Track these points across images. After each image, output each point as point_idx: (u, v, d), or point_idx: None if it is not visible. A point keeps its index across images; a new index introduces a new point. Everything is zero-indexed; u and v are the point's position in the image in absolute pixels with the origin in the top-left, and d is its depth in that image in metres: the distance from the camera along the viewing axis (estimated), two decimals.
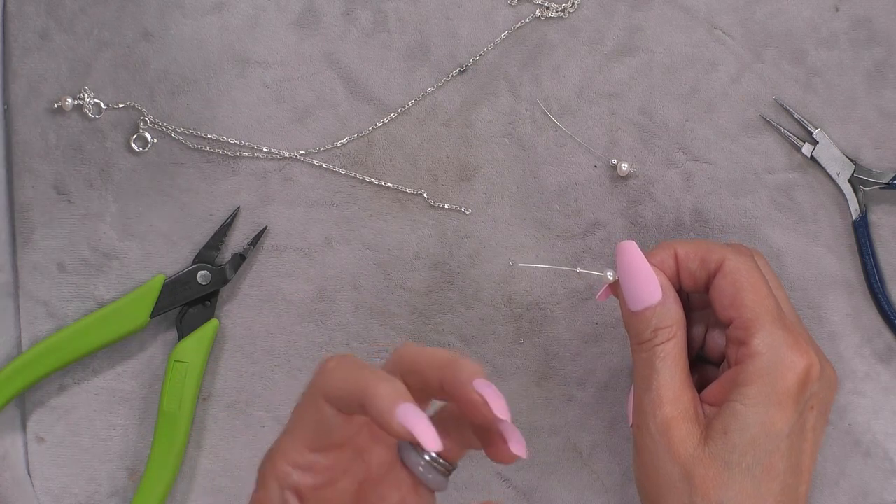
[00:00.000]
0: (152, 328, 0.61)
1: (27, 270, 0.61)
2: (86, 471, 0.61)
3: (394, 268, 0.61)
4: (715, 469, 0.50)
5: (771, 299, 0.52)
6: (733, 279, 0.52)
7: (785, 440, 0.50)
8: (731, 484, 0.50)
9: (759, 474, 0.50)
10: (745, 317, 0.51)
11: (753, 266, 0.52)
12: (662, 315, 0.52)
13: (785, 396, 0.50)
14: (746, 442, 0.50)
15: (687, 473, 0.51)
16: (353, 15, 0.61)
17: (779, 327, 0.51)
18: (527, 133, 0.61)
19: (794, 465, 0.51)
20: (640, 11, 0.60)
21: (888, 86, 0.59)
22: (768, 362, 0.51)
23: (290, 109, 0.61)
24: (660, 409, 0.51)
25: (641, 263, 0.52)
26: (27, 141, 0.61)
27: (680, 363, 0.52)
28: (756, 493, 0.50)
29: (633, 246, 0.52)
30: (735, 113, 0.60)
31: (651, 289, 0.52)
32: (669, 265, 0.53)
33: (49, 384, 0.61)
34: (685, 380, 0.52)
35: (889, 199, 0.59)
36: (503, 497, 0.60)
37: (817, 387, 0.51)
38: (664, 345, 0.52)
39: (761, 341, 0.51)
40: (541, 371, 0.60)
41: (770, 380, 0.50)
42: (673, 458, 0.51)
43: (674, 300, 0.53)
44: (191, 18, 0.61)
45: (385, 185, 0.61)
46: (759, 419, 0.50)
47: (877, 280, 0.59)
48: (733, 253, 0.53)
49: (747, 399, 0.50)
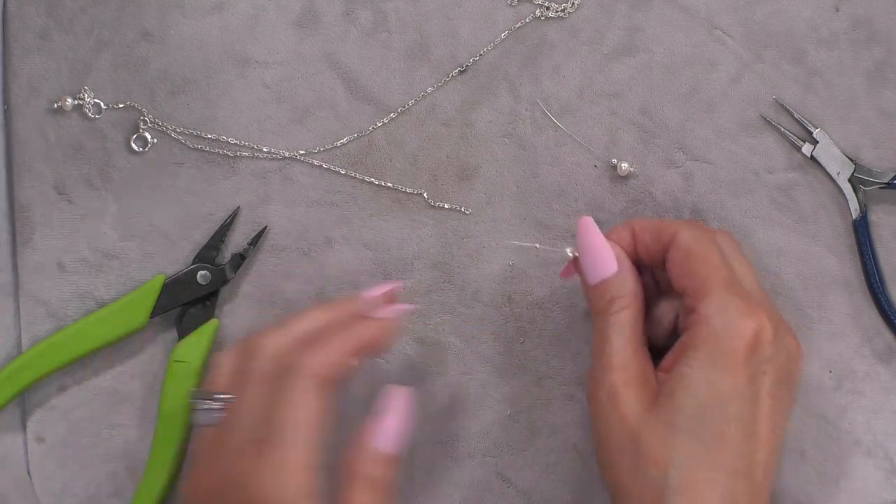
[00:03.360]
0: (152, 328, 0.61)
1: (27, 270, 0.61)
2: (86, 471, 0.61)
3: (394, 268, 0.61)
4: (661, 431, 0.50)
5: (722, 269, 0.52)
6: (685, 250, 0.53)
7: (733, 404, 0.50)
8: (677, 446, 0.50)
9: (707, 437, 0.50)
10: (695, 285, 0.52)
11: (706, 238, 0.53)
12: (617, 286, 0.54)
13: (732, 359, 0.50)
14: (693, 405, 0.50)
15: (634, 437, 0.51)
16: (353, 15, 0.61)
17: (730, 293, 0.51)
18: (527, 133, 0.61)
19: (748, 430, 0.50)
20: (640, 11, 0.60)
21: (888, 86, 0.60)
22: (715, 326, 0.51)
23: (290, 109, 0.61)
24: (608, 376, 0.52)
25: (598, 238, 0.54)
26: (27, 141, 0.61)
27: (633, 333, 0.53)
28: (704, 456, 0.50)
29: (590, 221, 0.54)
30: (735, 113, 0.60)
31: (607, 261, 0.54)
32: (626, 240, 0.55)
33: (49, 384, 0.61)
34: (638, 349, 0.53)
35: (889, 198, 0.59)
36: (503, 497, 0.60)
37: (770, 352, 0.51)
38: (617, 314, 0.53)
39: (709, 306, 0.51)
40: (541, 371, 0.60)
41: (717, 343, 0.50)
42: (621, 423, 0.51)
43: (629, 272, 0.54)
44: (191, 18, 0.61)
45: (385, 185, 0.61)
46: (705, 382, 0.50)
47: (877, 280, 0.59)
48: (686, 227, 0.54)
49: (694, 362, 0.51)
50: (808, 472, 0.59)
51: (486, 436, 0.60)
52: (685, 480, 0.49)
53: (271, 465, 0.49)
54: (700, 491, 0.49)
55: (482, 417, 0.60)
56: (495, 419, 0.60)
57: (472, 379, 0.60)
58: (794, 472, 0.59)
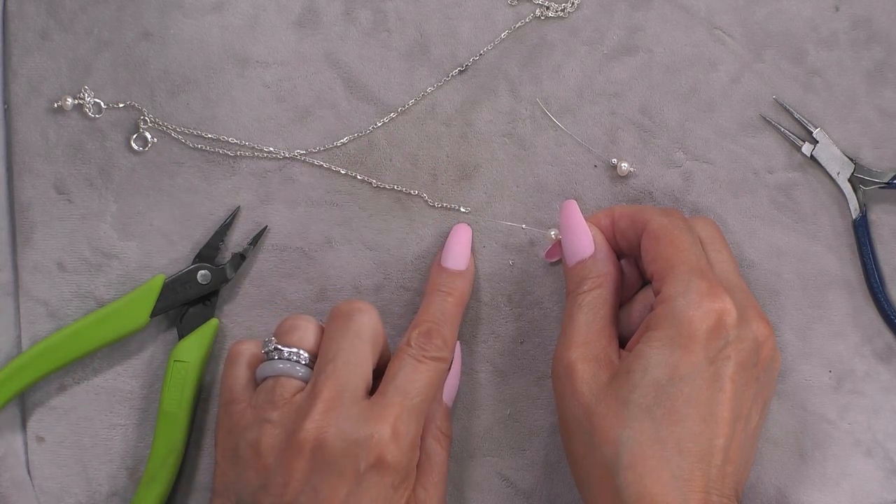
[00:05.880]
0: (152, 328, 0.61)
1: (27, 270, 0.61)
2: (86, 471, 0.61)
3: (394, 268, 0.61)
4: (614, 407, 0.50)
5: (688, 252, 0.52)
6: (654, 235, 0.54)
7: (689, 384, 0.50)
8: (628, 422, 0.50)
9: (660, 416, 0.50)
10: (661, 268, 0.52)
11: (677, 225, 0.54)
12: (591, 267, 0.55)
13: (690, 340, 0.50)
14: (647, 382, 0.50)
15: (588, 412, 0.51)
16: (353, 15, 0.61)
17: (694, 276, 0.51)
18: (527, 133, 0.61)
19: (705, 413, 0.50)
20: (640, 11, 0.60)
21: (888, 86, 0.60)
22: (676, 306, 0.51)
23: (290, 109, 0.61)
24: (567, 352, 0.53)
25: (578, 220, 0.56)
26: (27, 141, 0.61)
27: (600, 313, 0.54)
28: (655, 435, 0.49)
29: (573, 204, 0.56)
30: (735, 113, 0.60)
31: (585, 243, 0.55)
32: (606, 225, 0.56)
33: (49, 384, 0.61)
34: (602, 329, 0.53)
35: (889, 198, 0.59)
36: (503, 497, 0.60)
37: (734, 335, 0.51)
38: (586, 293, 0.54)
39: (672, 287, 0.51)
40: (541, 371, 0.60)
41: (676, 323, 0.51)
42: (577, 399, 0.52)
43: (606, 255, 0.55)
44: (191, 18, 0.61)
45: (385, 186, 0.61)
46: (661, 360, 0.50)
47: (877, 280, 0.59)
48: (659, 214, 0.54)
49: (653, 341, 0.51)
50: (808, 472, 0.59)
51: (486, 436, 0.60)
52: (635, 457, 0.49)
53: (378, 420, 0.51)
54: (650, 468, 0.49)
55: (482, 417, 0.60)
56: (495, 419, 0.60)
57: (472, 379, 0.60)
58: (794, 472, 0.59)
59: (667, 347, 0.50)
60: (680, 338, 0.50)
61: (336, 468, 0.50)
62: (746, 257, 0.60)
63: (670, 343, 0.50)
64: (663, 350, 0.50)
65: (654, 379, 0.50)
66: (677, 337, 0.50)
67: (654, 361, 0.50)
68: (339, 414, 0.50)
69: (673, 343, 0.50)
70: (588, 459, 0.51)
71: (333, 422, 0.50)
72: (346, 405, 0.51)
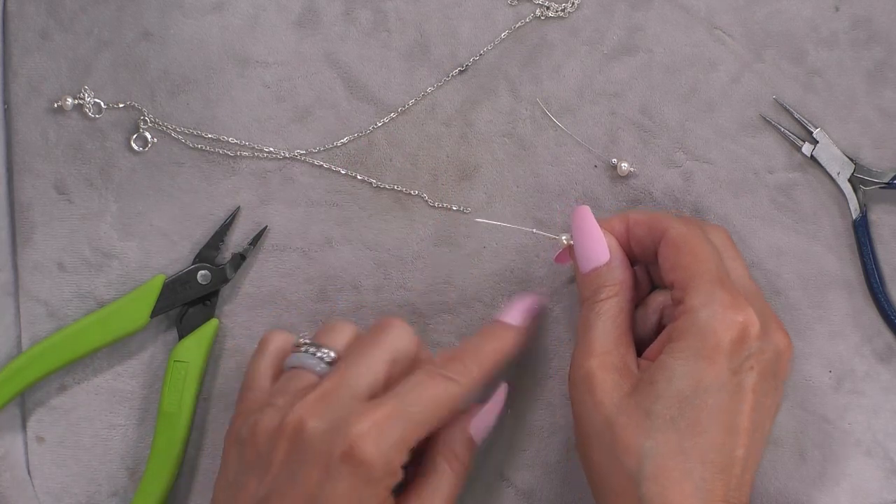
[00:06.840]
0: (152, 328, 0.61)
1: (27, 270, 0.61)
2: (86, 471, 0.61)
3: (394, 268, 0.61)
4: (637, 417, 0.50)
5: (710, 262, 0.52)
6: (674, 243, 0.53)
7: (713, 396, 0.50)
8: (652, 433, 0.50)
9: (684, 428, 0.50)
10: (683, 277, 0.52)
11: (696, 233, 0.53)
12: (607, 275, 0.54)
13: (715, 352, 0.50)
14: (671, 394, 0.50)
15: (609, 422, 0.51)
16: (353, 15, 0.61)
17: (717, 287, 0.51)
18: (527, 133, 0.61)
19: (727, 424, 0.50)
20: (640, 11, 0.60)
21: (888, 86, 0.60)
22: (700, 318, 0.51)
23: (290, 109, 0.61)
24: (586, 361, 0.52)
25: (593, 227, 0.55)
26: (27, 141, 0.61)
27: (617, 321, 0.53)
28: (678, 447, 0.49)
29: (587, 210, 0.55)
30: (735, 113, 0.60)
31: (600, 250, 0.55)
32: (620, 231, 0.55)
33: (49, 384, 0.61)
34: (620, 337, 0.53)
35: (889, 198, 0.59)
36: (503, 497, 0.60)
37: (756, 347, 0.51)
38: (603, 302, 0.54)
39: (695, 298, 0.51)
40: (541, 371, 0.60)
41: (700, 335, 0.50)
42: (597, 408, 0.51)
43: (621, 262, 0.55)
44: (191, 18, 0.61)
45: (385, 185, 0.61)
46: (685, 372, 0.50)
47: (877, 280, 0.59)
48: (678, 222, 0.54)
49: (676, 352, 0.51)
50: (808, 472, 0.59)
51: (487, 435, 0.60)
52: (658, 468, 0.49)
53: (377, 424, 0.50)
54: (673, 479, 0.49)
55: None
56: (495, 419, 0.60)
57: None
58: (794, 472, 0.59)
59: (691, 359, 0.50)
60: (704, 349, 0.50)
61: (310, 454, 0.50)
62: (746, 257, 0.60)
63: (694, 354, 0.50)
64: (687, 361, 0.50)
65: (677, 390, 0.50)
66: (701, 348, 0.50)
67: (678, 373, 0.50)
68: (328, 404, 0.50)
69: (697, 354, 0.50)
70: (607, 469, 0.51)
71: (320, 410, 0.50)
72: (340, 398, 0.51)
